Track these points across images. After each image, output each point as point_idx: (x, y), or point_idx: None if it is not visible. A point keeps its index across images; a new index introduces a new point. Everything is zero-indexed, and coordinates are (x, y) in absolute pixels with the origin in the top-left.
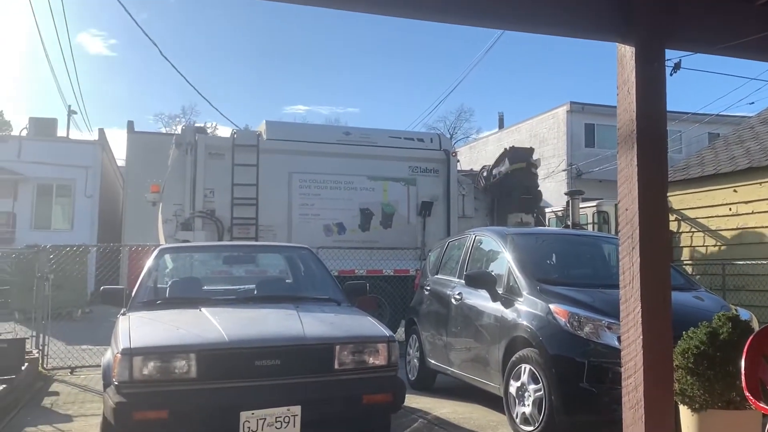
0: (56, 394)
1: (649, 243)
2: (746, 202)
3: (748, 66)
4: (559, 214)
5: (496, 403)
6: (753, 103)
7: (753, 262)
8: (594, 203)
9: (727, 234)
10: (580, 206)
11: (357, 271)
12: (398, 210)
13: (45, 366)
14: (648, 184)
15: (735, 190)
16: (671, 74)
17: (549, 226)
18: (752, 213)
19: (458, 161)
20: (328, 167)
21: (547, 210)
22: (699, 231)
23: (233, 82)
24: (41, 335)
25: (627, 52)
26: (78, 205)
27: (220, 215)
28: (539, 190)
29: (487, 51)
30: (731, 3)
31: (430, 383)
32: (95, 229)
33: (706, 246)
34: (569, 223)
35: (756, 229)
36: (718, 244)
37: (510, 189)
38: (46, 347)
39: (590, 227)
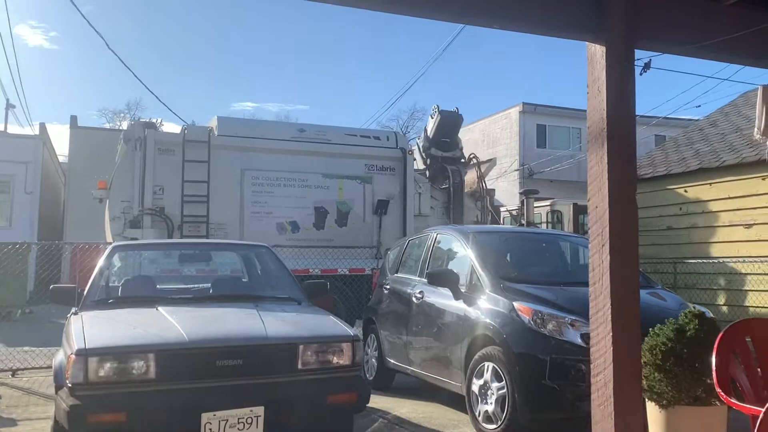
0: None
1: (619, 240)
2: (696, 202)
3: (702, 67)
4: (514, 213)
5: (457, 402)
6: (700, 106)
7: (704, 260)
8: (548, 203)
9: (678, 233)
10: (534, 205)
11: (311, 270)
12: (353, 208)
13: None
14: (618, 181)
15: (685, 191)
16: (641, 74)
17: (504, 224)
18: (702, 213)
19: (414, 159)
20: (281, 164)
21: (501, 209)
22: (650, 230)
23: (179, 78)
24: None
25: (597, 51)
26: (17, 202)
27: (170, 213)
28: (491, 189)
29: (445, 48)
30: (701, 3)
31: (389, 383)
32: (35, 227)
33: (657, 245)
34: (523, 222)
35: (705, 229)
36: (669, 243)
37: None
38: None
39: (544, 226)
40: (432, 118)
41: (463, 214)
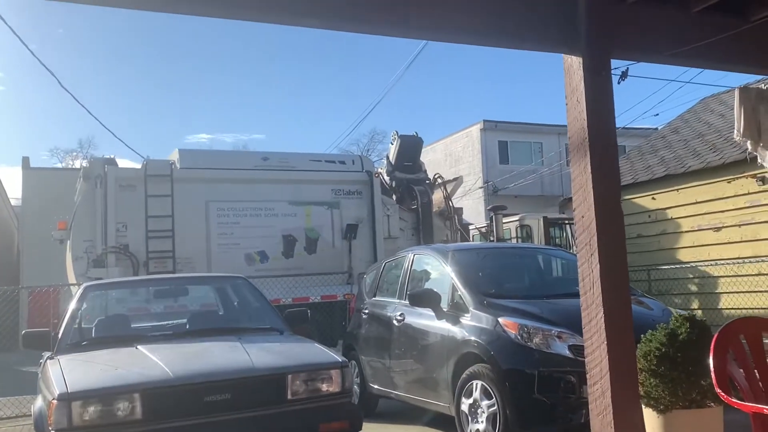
0: None
1: (608, 249)
2: (664, 209)
3: (665, 73)
4: (483, 230)
5: (443, 423)
6: (657, 114)
7: (676, 266)
8: (516, 218)
9: (649, 240)
10: (503, 221)
11: (283, 300)
12: (322, 234)
13: None
14: (603, 190)
15: (653, 198)
16: (619, 82)
17: (474, 242)
18: (671, 219)
19: (382, 182)
20: (246, 194)
21: (470, 227)
22: None
23: (129, 114)
24: None
25: (574, 63)
26: None
27: (135, 249)
28: (458, 207)
29: (406, 68)
30: (669, 11)
31: (373, 408)
32: None
33: (629, 253)
34: (493, 238)
35: (675, 234)
36: (640, 250)
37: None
38: None
39: (514, 241)
40: (392, 144)
41: (433, 234)
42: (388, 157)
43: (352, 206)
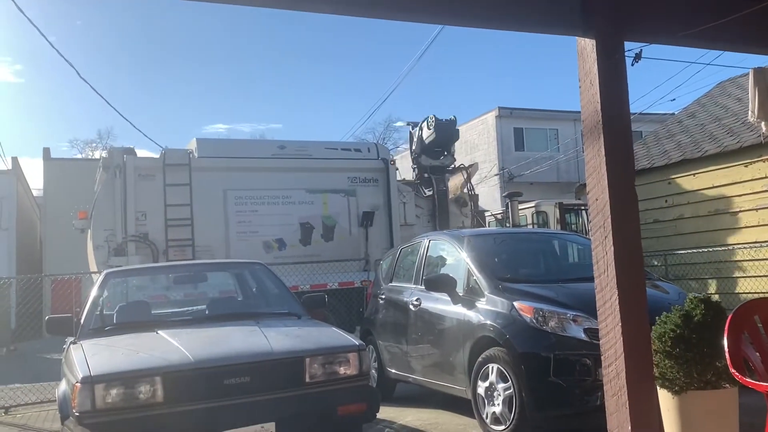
0: None
1: (622, 231)
2: (681, 194)
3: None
4: (499, 216)
5: (460, 406)
6: (674, 99)
7: (693, 251)
8: (532, 204)
9: (665, 225)
10: (519, 208)
11: (301, 287)
12: (339, 222)
13: None
14: (617, 172)
15: (670, 183)
16: (632, 64)
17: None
18: (688, 203)
19: (397, 169)
20: (264, 182)
21: (486, 214)
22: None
23: (148, 105)
24: None
25: (587, 45)
26: None
27: (154, 238)
28: (475, 194)
29: (420, 56)
30: None
31: (390, 392)
32: (13, 263)
33: (646, 238)
34: (508, 225)
35: (692, 219)
36: (657, 235)
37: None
38: None
39: (530, 227)
40: (428, 128)
41: (449, 221)
42: (421, 138)
43: (369, 194)
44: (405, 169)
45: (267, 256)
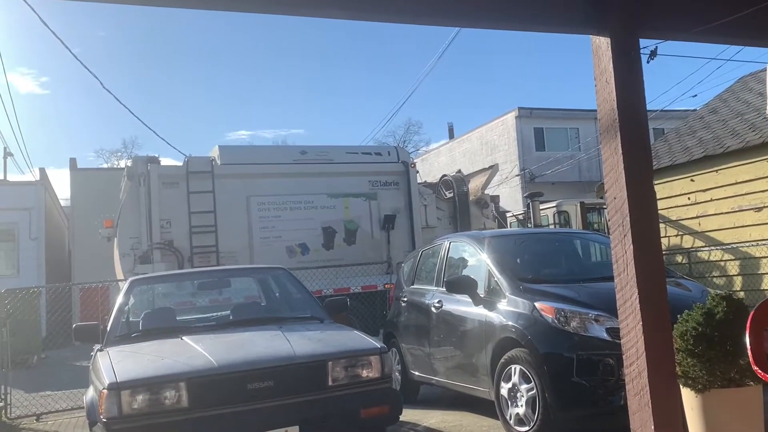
0: None
1: (641, 229)
2: (704, 191)
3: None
4: (520, 217)
5: (484, 408)
6: (696, 95)
7: (717, 248)
8: (554, 204)
9: (688, 223)
10: (540, 208)
11: (324, 291)
12: (361, 225)
13: (9, 415)
14: (634, 171)
15: (692, 180)
16: (648, 62)
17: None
18: (711, 200)
19: (417, 172)
20: (286, 188)
21: (507, 214)
22: (660, 222)
23: (171, 113)
24: (2, 385)
25: (602, 44)
26: (23, 249)
27: (179, 245)
28: (496, 195)
29: (439, 58)
30: None
31: (414, 395)
32: (43, 272)
33: (668, 236)
34: (530, 225)
35: (715, 216)
36: (680, 233)
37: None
38: (8, 396)
39: (552, 227)
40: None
41: (470, 222)
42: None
43: (390, 197)
44: (425, 171)
45: (290, 261)
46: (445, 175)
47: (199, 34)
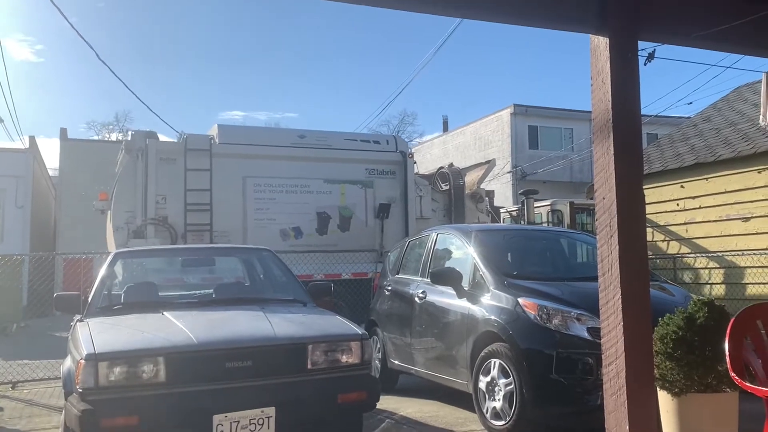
0: (0, 409)
1: (627, 230)
2: (693, 198)
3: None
4: (514, 213)
5: (462, 400)
6: (691, 103)
7: (703, 255)
8: (548, 202)
9: (676, 229)
10: (535, 206)
11: (315, 275)
12: (356, 213)
13: None
14: (625, 172)
15: (682, 186)
16: (645, 64)
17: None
18: (699, 208)
19: (415, 162)
20: (283, 171)
21: (501, 210)
22: (648, 226)
23: (165, 89)
24: None
25: (601, 43)
26: (8, 216)
27: (173, 222)
28: (491, 190)
29: (437, 49)
30: None
31: (393, 384)
32: (27, 241)
33: (656, 241)
34: (523, 222)
35: (703, 223)
36: (667, 239)
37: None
38: None
39: (545, 225)
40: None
41: (465, 216)
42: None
43: (386, 186)
44: (418, 162)
45: (284, 243)
46: (441, 167)
47: (197, 13)
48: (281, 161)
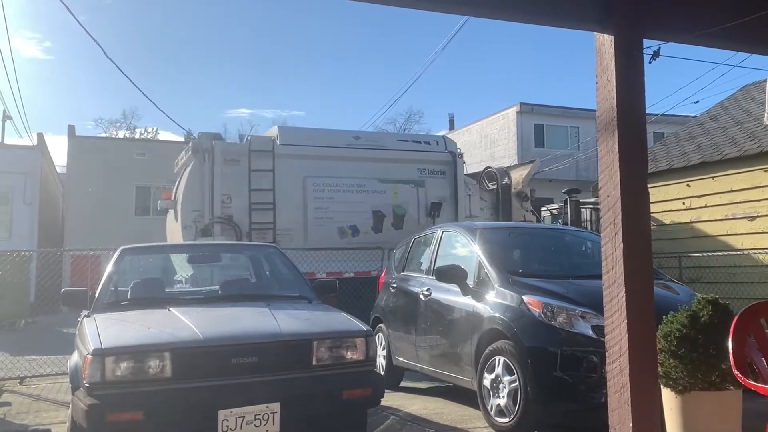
0: (8, 404)
1: (632, 228)
2: (699, 196)
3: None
4: (555, 212)
5: (466, 398)
6: (698, 102)
7: (708, 254)
8: (593, 199)
9: (682, 227)
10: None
11: (373, 272)
12: (409, 211)
13: None
14: (629, 170)
15: (688, 185)
16: (650, 62)
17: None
18: (705, 206)
19: (464, 162)
20: (340, 171)
21: (542, 209)
22: (654, 225)
23: (172, 86)
24: None
25: (606, 41)
26: (16, 213)
27: (238, 220)
28: (533, 189)
29: (444, 47)
30: None
31: (398, 381)
32: (35, 237)
33: (661, 239)
34: (560, 222)
35: (709, 222)
36: (673, 237)
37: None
38: None
39: (588, 225)
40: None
41: (512, 214)
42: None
43: (437, 185)
44: (468, 162)
45: (341, 241)
46: (488, 167)
47: (204, 10)
48: (338, 161)
